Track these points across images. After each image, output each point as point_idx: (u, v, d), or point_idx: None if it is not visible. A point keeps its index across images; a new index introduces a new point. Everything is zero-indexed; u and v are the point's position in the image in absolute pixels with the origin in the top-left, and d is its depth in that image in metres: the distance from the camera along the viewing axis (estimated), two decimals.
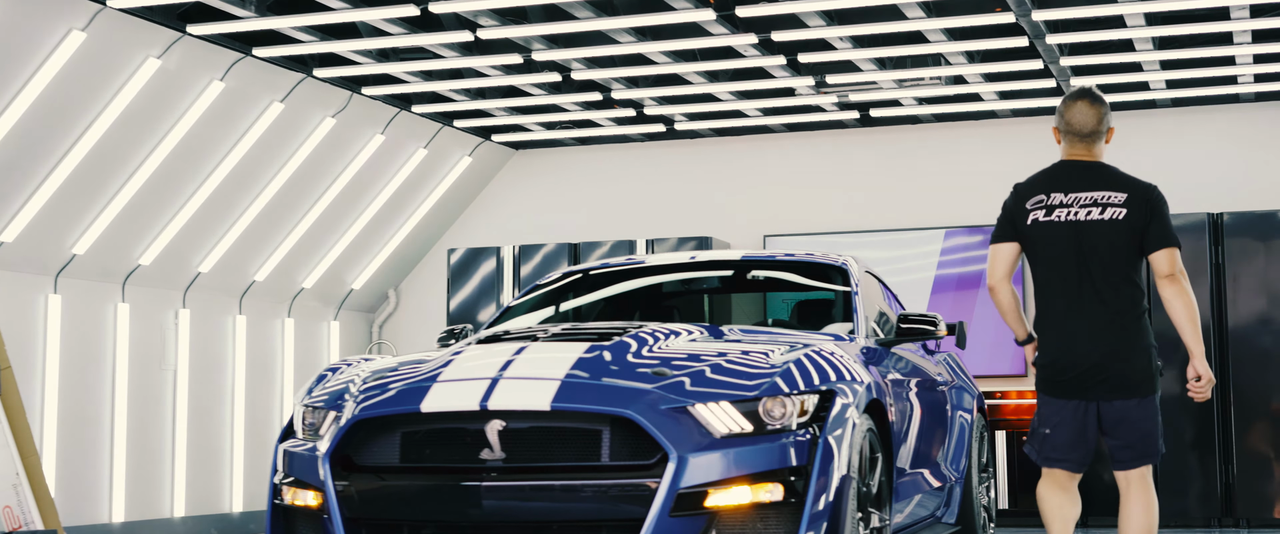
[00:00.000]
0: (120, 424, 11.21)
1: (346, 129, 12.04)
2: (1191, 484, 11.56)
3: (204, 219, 11.46)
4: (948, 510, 8.22)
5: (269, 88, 11.03)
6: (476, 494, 5.55)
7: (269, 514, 6.14)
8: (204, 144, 10.91)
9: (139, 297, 11.47)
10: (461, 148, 13.55)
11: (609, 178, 14.10)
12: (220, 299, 12.37)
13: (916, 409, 7.35)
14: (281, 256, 12.59)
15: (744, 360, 5.93)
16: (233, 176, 11.32)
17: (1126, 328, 5.86)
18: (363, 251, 13.60)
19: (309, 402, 6.18)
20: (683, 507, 5.45)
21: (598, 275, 8.10)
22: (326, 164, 12.20)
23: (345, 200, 12.74)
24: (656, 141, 13.94)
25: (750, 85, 11.64)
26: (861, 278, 7.64)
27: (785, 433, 5.62)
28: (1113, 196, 5.92)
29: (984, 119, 13.12)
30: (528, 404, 5.60)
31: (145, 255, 11.22)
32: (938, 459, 7.90)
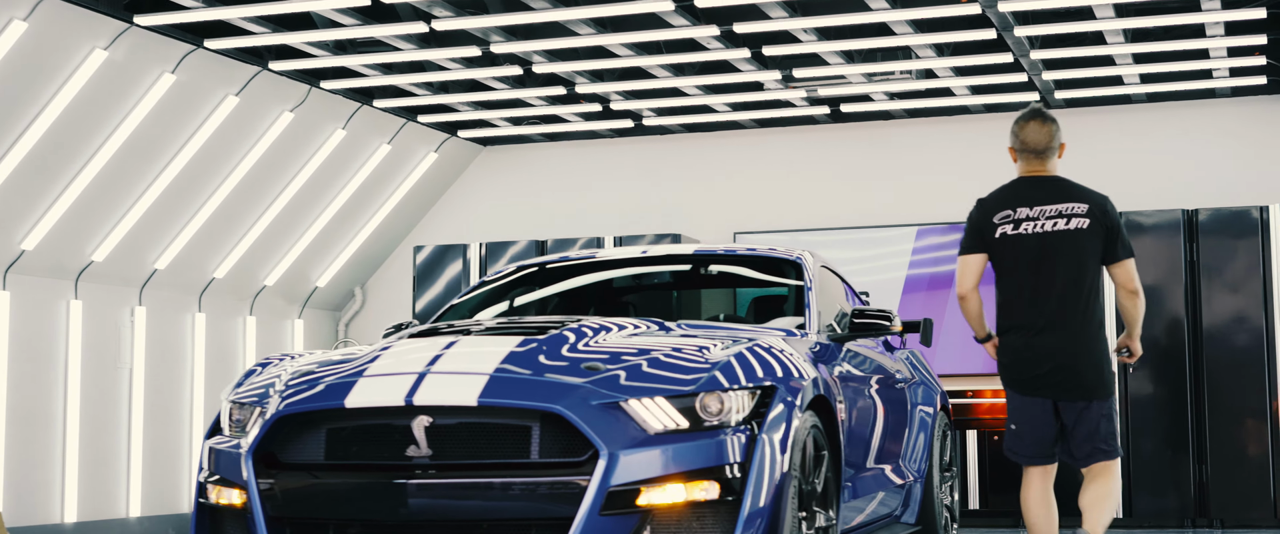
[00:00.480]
0: (73, 423, 11.01)
1: (306, 123, 11.83)
2: (1166, 484, 11.38)
3: (159, 215, 11.25)
4: (907, 510, 8.03)
5: (223, 81, 10.83)
6: (402, 492, 5.35)
7: (194, 514, 5.95)
8: (156, 138, 10.70)
9: (92, 293, 11.26)
10: (426, 144, 13.35)
11: (578, 174, 13.92)
12: (178, 297, 12.16)
13: (872, 406, 7.17)
14: (241, 253, 12.39)
15: (682, 355, 5.73)
16: (187, 171, 11.11)
17: (1087, 333, 6.24)
18: (327, 249, 13.40)
19: (235, 397, 5.99)
20: (614, 505, 5.25)
21: (549, 270, 7.90)
22: (286, 159, 11.99)
23: (307, 196, 12.53)
24: (625, 137, 13.75)
25: (717, 79, 11.45)
26: (817, 273, 7.45)
27: (723, 429, 5.42)
28: (1076, 208, 6.29)
29: (957, 115, 12.95)
30: (454, 399, 5.40)
31: (98, 251, 11.01)
32: (896, 457, 7.71)
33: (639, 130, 13.48)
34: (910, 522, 8.14)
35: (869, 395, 7.19)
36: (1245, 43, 10.48)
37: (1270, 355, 11.25)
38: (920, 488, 8.18)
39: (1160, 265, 11.48)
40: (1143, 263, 11.40)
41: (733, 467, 5.38)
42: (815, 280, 7.32)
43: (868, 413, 7.09)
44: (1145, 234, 11.49)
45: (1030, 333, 6.28)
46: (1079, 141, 12.68)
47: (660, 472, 5.30)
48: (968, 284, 6.39)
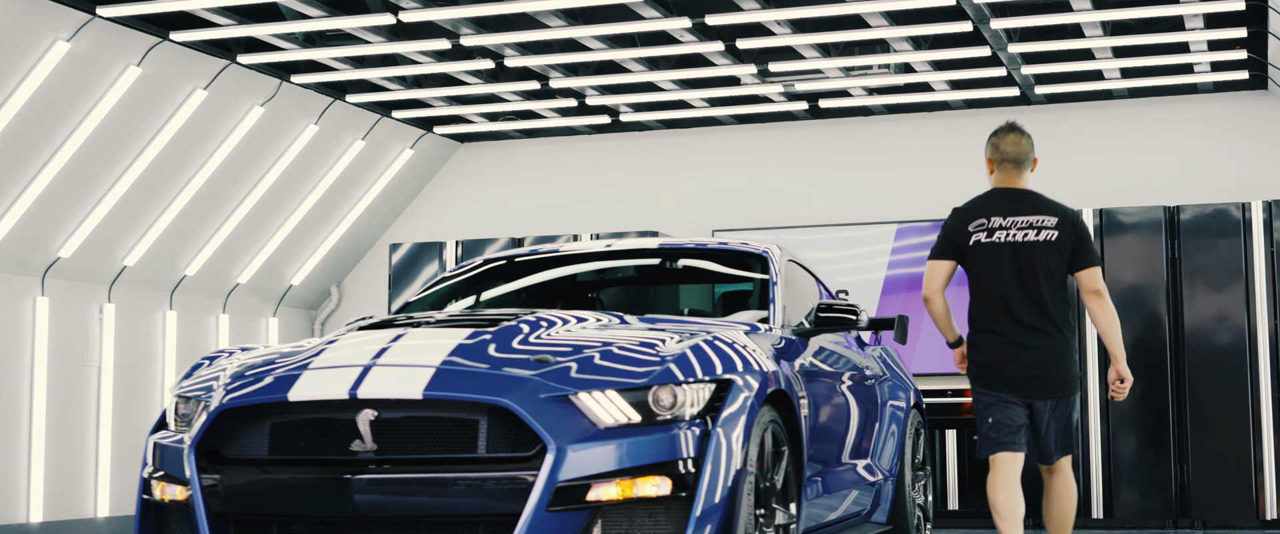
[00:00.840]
0: (39, 422, 10.87)
1: (277, 118, 11.69)
2: (1147, 484, 11.25)
3: (127, 211, 11.10)
4: (878, 509, 7.89)
5: (190, 75, 10.68)
6: (347, 488, 5.20)
7: (138, 509, 5.81)
8: (123, 132, 10.56)
9: (59, 290, 11.11)
10: (402, 140, 13.21)
11: (556, 172, 13.79)
12: (149, 294, 12.01)
13: (840, 402, 7.03)
14: (213, 250, 12.24)
15: (637, 348, 5.59)
16: (156, 166, 10.96)
17: (1057, 337, 6.55)
18: (301, 246, 13.25)
19: (181, 391, 5.85)
20: (562, 501, 5.11)
21: (515, 264, 7.75)
22: (257, 154, 11.85)
23: (279, 193, 12.38)
24: (603, 134, 13.62)
25: (692, 73, 11.31)
26: (784, 267, 7.30)
27: (676, 424, 5.28)
28: (1046, 220, 6.57)
29: (937, 111, 12.82)
30: (399, 392, 5.26)
31: (65, 248, 10.86)
32: (866, 455, 7.57)
33: (616, 127, 13.35)
34: (881, 521, 8.00)
35: (837, 391, 7.05)
36: (1225, 36, 10.36)
37: (1252, 354, 11.12)
38: (891, 486, 8.05)
39: (1141, 263, 11.35)
40: (1124, 261, 11.28)
41: (686, 462, 5.24)
42: (782, 275, 7.18)
43: (835, 409, 6.96)
44: (1126, 232, 11.36)
45: (1005, 336, 6.55)
46: (1060, 139, 12.57)
47: (610, 467, 5.16)
48: (934, 287, 6.67)
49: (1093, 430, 11.29)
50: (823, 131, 13.16)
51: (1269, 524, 10.98)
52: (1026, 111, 12.64)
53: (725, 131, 13.39)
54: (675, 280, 8.55)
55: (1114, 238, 11.31)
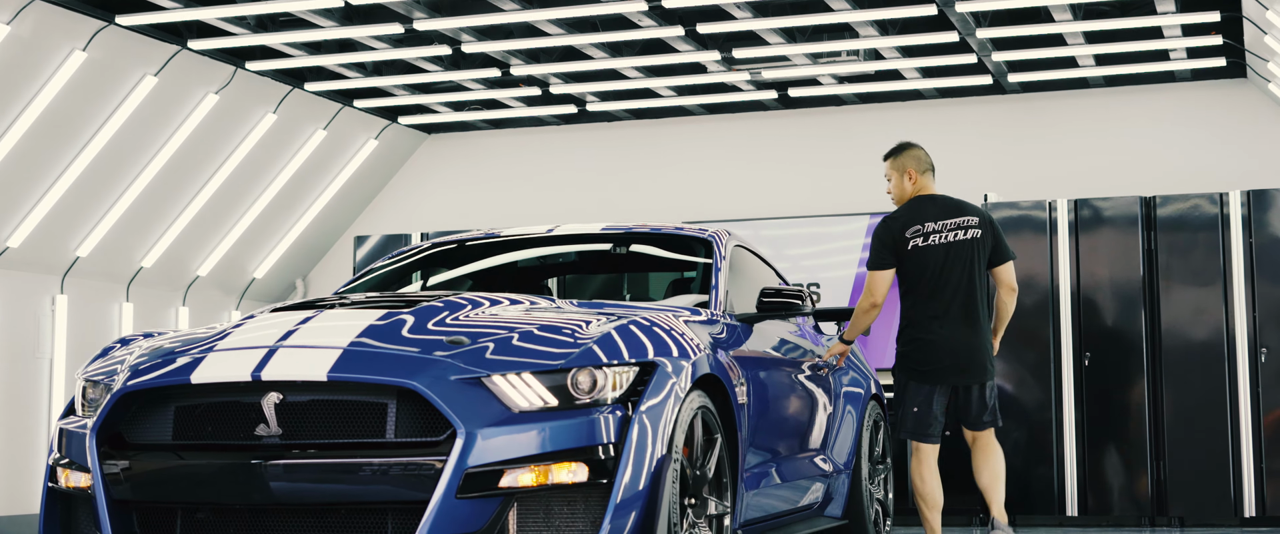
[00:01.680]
0: None
1: (233, 106, 11.45)
2: (1124, 482, 11.01)
3: (77, 199, 10.86)
4: (832, 502, 7.65)
5: (139, 60, 10.44)
6: (252, 474, 5.00)
7: (43, 498, 5.58)
8: (69, 119, 10.32)
9: (8, 281, 10.88)
10: (366, 131, 12.98)
11: (525, 163, 13.58)
12: (104, 285, 11.77)
13: (787, 391, 6.81)
14: (170, 242, 12.00)
15: (558, 330, 5.36)
16: (106, 155, 10.72)
17: (985, 327, 7.26)
18: (263, 238, 13.02)
19: (88, 375, 5.64)
20: (473, 488, 4.89)
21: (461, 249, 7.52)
22: (213, 144, 11.61)
23: (238, 183, 12.14)
24: (571, 124, 13.41)
25: (655, 60, 11.09)
26: (731, 252, 7.07)
27: (596, 408, 5.06)
28: (970, 220, 7.23)
29: (910, 100, 12.61)
30: (303, 374, 5.04)
31: (13, 237, 10.63)
32: (820, 447, 7.33)
33: (584, 117, 13.14)
34: (835, 514, 7.77)
35: (787, 380, 6.83)
36: (1199, 20, 10.13)
37: (1230, 348, 10.89)
38: (847, 480, 7.81)
39: (1117, 255, 11.11)
40: (1100, 252, 11.06)
41: (604, 447, 5.03)
42: (727, 260, 6.95)
43: (784, 398, 6.74)
44: (1102, 223, 11.12)
45: (944, 331, 7.16)
46: (1035, 128, 12.37)
47: (523, 452, 4.95)
48: (883, 294, 7.24)
49: (1067, 427, 11.06)
50: (794, 122, 12.94)
51: (1248, 522, 10.75)
52: (1001, 101, 12.43)
53: (695, 122, 13.18)
54: (624, 267, 8.33)
55: (1089, 229, 11.09)
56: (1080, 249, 11.11)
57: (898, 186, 7.41)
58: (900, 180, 7.40)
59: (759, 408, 6.32)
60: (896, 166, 7.43)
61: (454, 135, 13.78)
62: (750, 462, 6.18)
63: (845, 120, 12.82)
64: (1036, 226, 11.14)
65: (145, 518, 5.22)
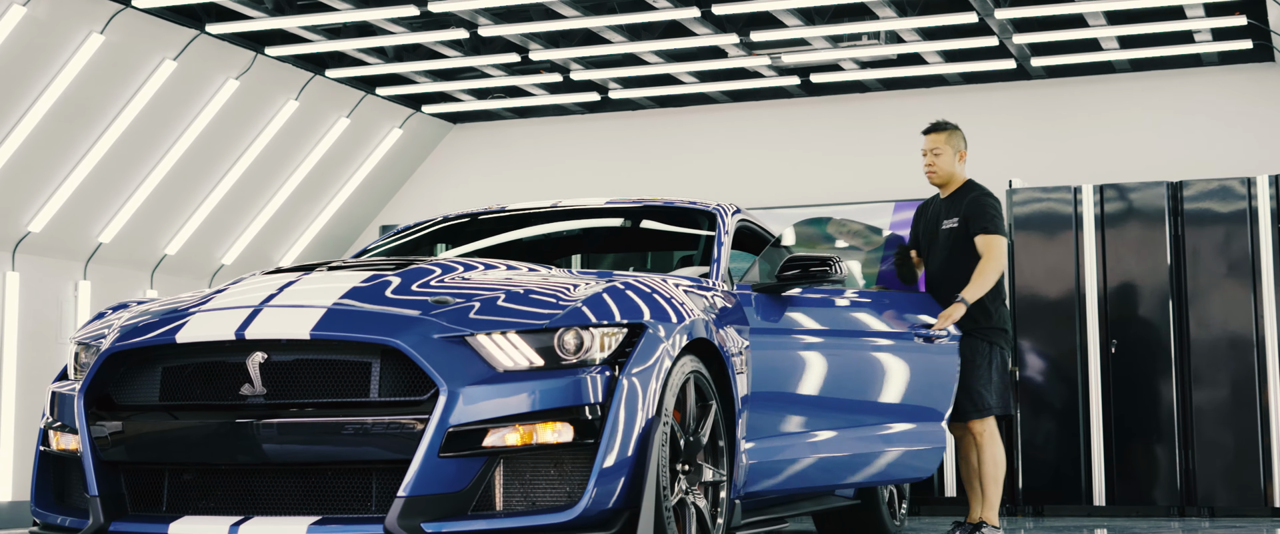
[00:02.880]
0: (9, 398, 10.69)
1: (254, 92, 11.47)
2: (1151, 471, 10.88)
3: (99, 186, 10.90)
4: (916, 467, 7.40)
5: (158, 43, 10.47)
6: (238, 434, 4.98)
7: (35, 461, 5.58)
8: (89, 102, 10.35)
9: (30, 266, 10.92)
10: (390, 119, 12.99)
11: (549, 151, 13.56)
12: (128, 273, 11.81)
13: (819, 364, 6.61)
14: (194, 230, 12.03)
15: (546, 290, 5.30)
16: (127, 139, 10.75)
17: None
18: (289, 227, 13.04)
19: (80, 338, 5.63)
20: (456, 447, 4.85)
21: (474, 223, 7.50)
22: (235, 130, 11.63)
23: (262, 171, 12.17)
24: (595, 113, 13.39)
25: (674, 44, 11.04)
26: (733, 226, 7.00)
27: (582, 368, 5.00)
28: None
29: (934, 86, 12.52)
30: (286, 333, 5.01)
31: (35, 222, 10.67)
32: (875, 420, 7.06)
33: (607, 105, 13.11)
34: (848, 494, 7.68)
35: (825, 352, 6.64)
36: None
37: (1259, 334, 10.75)
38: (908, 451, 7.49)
39: (1143, 240, 10.98)
40: (1126, 238, 10.94)
41: (591, 407, 4.97)
42: (729, 233, 6.88)
43: (810, 370, 6.55)
44: (1128, 208, 11.00)
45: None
46: (1060, 113, 12.27)
47: (508, 411, 4.90)
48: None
49: (1094, 416, 10.94)
50: (817, 108, 12.87)
51: (1278, 512, 10.60)
52: (1025, 86, 12.33)
53: (718, 110, 13.13)
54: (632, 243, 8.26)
55: (1115, 215, 10.97)
56: (1106, 235, 10.99)
57: (948, 163, 7.36)
58: (952, 157, 7.37)
59: (770, 378, 6.20)
60: (951, 143, 7.37)
61: (479, 125, 13.78)
62: (757, 433, 6.09)
63: (868, 107, 12.74)
64: (1062, 213, 11.03)
65: (133, 479, 5.21)
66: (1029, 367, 10.94)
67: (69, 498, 5.50)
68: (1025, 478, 10.97)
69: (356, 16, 10.23)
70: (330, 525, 4.86)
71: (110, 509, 5.14)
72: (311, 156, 12.50)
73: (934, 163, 7.35)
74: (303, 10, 10.48)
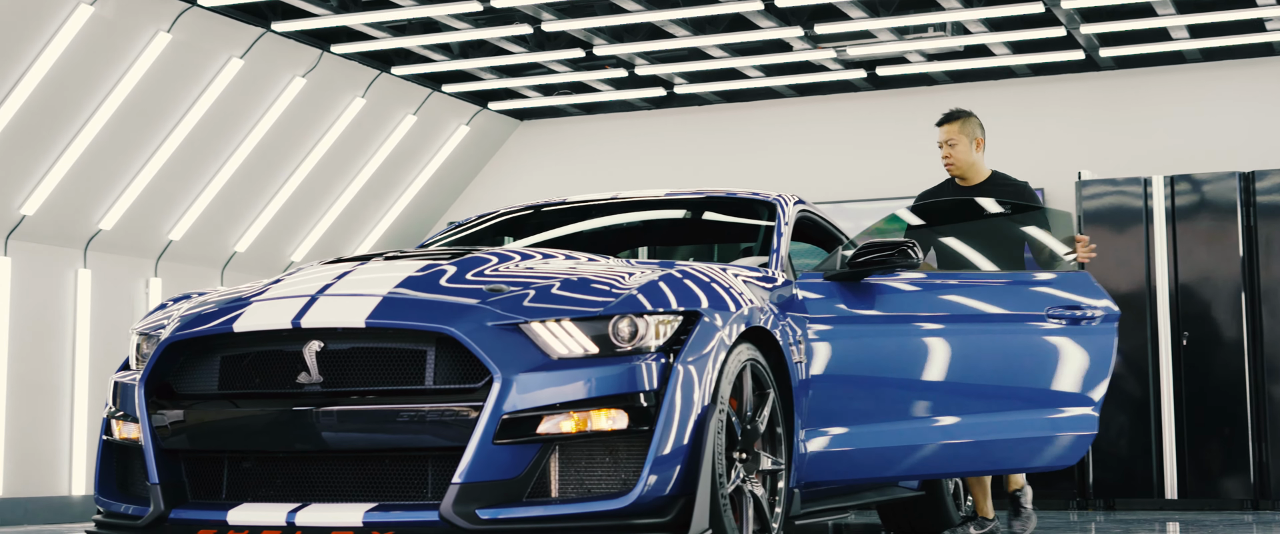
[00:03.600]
0: (81, 395, 10.81)
1: (320, 90, 11.55)
2: (1224, 466, 10.75)
3: (167, 184, 11.02)
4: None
5: (224, 42, 10.56)
6: (295, 422, 5.02)
7: (99, 450, 5.65)
8: (156, 101, 10.46)
9: (102, 263, 11.04)
10: (457, 116, 13.04)
11: (615, 148, 13.58)
12: (198, 270, 11.92)
13: (895, 354, 6.45)
14: (263, 227, 12.13)
15: (601, 279, 5.31)
16: (195, 138, 10.86)
17: None
18: (358, 224, 13.12)
19: (141, 329, 5.69)
20: (510, 434, 4.85)
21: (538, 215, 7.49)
22: (302, 128, 11.72)
23: (329, 168, 12.25)
24: (660, 109, 13.39)
25: (738, 37, 11.01)
26: (793, 216, 6.95)
27: (636, 355, 4.99)
28: None
29: (1002, 78, 12.43)
30: (342, 321, 5.04)
31: (105, 220, 10.79)
32: (965, 412, 6.86)
33: (672, 100, 13.11)
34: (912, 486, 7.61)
35: (904, 342, 6.48)
36: None
37: None
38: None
39: (1215, 231, 10.85)
40: (1197, 229, 10.83)
41: (646, 395, 4.95)
42: (789, 224, 6.84)
43: (881, 361, 6.41)
44: (1199, 199, 10.88)
45: None
46: (1130, 104, 12.15)
47: (562, 398, 4.89)
48: None
49: (1166, 409, 10.83)
50: (884, 102, 12.81)
51: None
52: (1094, 77, 12.22)
53: (784, 104, 13.09)
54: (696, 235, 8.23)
55: (1186, 205, 10.86)
56: (1177, 226, 10.88)
57: (965, 153, 7.15)
58: (969, 147, 7.15)
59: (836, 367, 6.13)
60: (966, 132, 7.16)
61: (545, 122, 13.81)
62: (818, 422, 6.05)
63: (936, 100, 12.65)
64: (1132, 204, 10.93)
65: (193, 466, 5.26)
66: None
67: (131, 486, 5.55)
68: (1096, 471, 10.88)
69: (420, 13, 10.28)
70: (386, 512, 4.88)
71: (170, 497, 5.19)
72: (379, 154, 12.57)
73: (951, 154, 7.18)
74: (367, 7, 10.53)
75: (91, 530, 5.50)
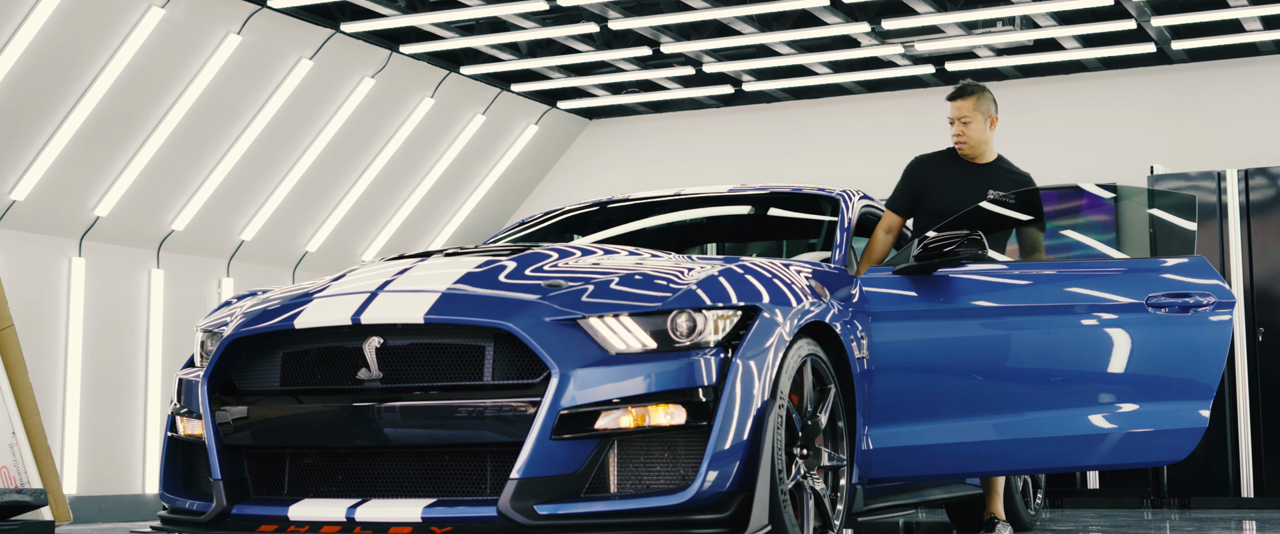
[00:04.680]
0: (155, 393, 10.92)
1: (389, 90, 11.61)
2: None
3: (239, 184, 11.11)
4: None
5: (294, 43, 10.64)
6: (356, 418, 5.04)
7: (164, 447, 5.70)
8: (228, 103, 10.56)
9: (174, 263, 11.15)
10: (525, 116, 13.07)
11: (684, 146, 13.57)
12: (269, 269, 12.02)
13: (965, 351, 6.30)
14: (333, 227, 12.21)
15: (660, 274, 5.29)
16: (266, 138, 10.95)
17: None
18: (428, 223, 13.18)
19: (205, 326, 5.73)
20: (569, 429, 4.85)
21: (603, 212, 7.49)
22: (372, 128, 11.78)
23: (399, 168, 12.32)
24: (729, 106, 13.36)
25: (805, 34, 10.97)
26: (858, 211, 6.92)
27: (695, 350, 4.96)
28: None
29: (1072, 72, 12.32)
30: (401, 317, 5.05)
31: (178, 221, 10.90)
32: (1048, 408, 6.70)
33: (741, 98, 13.07)
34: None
35: (977, 338, 6.31)
36: None
37: None
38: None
39: None
40: (1273, 222, 10.68)
41: (704, 390, 4.93)
42: (853, 218, 6.81)
43: (949, 357, 6.27)
44: (1274, 192, 10.72)
45: None
46: (1202, 97, 12.00)
47: (619, 394, 4.88)
48: None
49: (1242, 406, 10.69)
50: None
51: None
52: (1166, 71, 12.08)
53: (853, 101, 13.03)
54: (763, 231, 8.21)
55: (1261, 199, 10.71)
56: (1252, 220, 10.73)
57: (979, 131, 6.88)
58: (982, 124, 6.87)
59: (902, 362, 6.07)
60: (981, 108, 6.86)
61: (614, 120, 13.82)
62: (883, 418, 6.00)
63: (1007, 95, 12.53)
64: (1206, 199, 10.79)
65: (255, 463, 5.29)
66: None
67: (196, 482, 5.60)
68: (1170, 469, 10.76)
69: (488, 12, 10.31)
70: (444, 507, 4.89)
71: (233, 493, 5.23)
72: (448, 153, 12.62)
73: (964, 132, 6.91)
74: (435, 7, 10.58)
75: (156, 526, 5.55)
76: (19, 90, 9.27)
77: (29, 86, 9.31)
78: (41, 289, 10.19)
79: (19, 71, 9.17)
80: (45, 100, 9.50)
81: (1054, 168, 12.22)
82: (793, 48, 11.53)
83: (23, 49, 9.08)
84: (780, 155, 13.22)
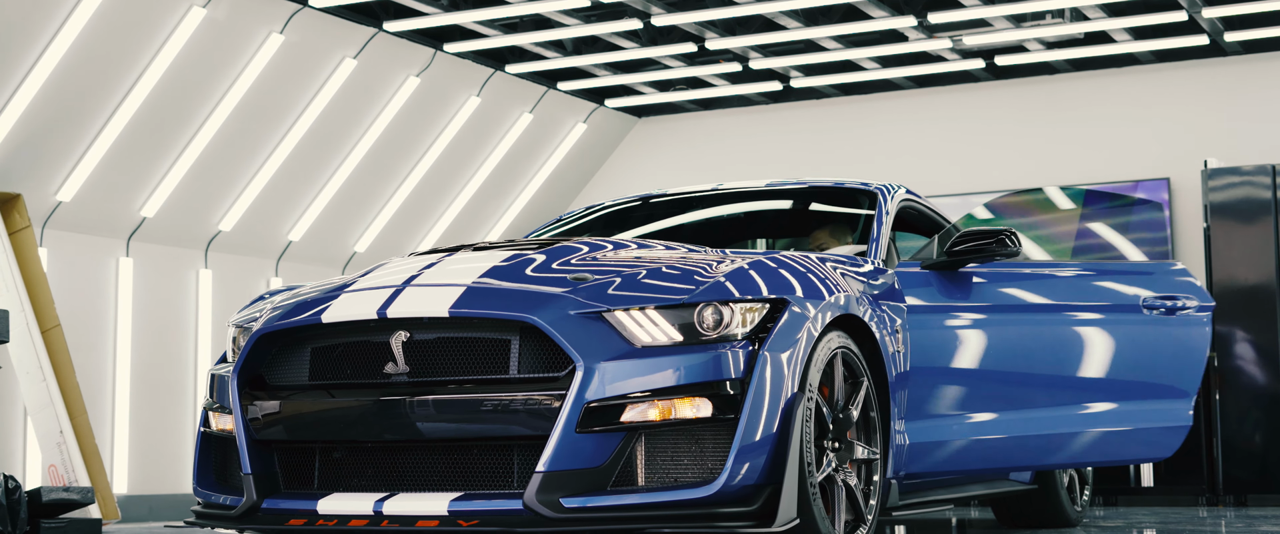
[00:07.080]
0: (202, 394, 10.96)
1: (434, 89, 11.62)
2: None
3: (285, 184, 11.14)
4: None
5: (337, 42, 10.66)
6: (383, 412, 5.03)
7: (197, 442, 5.72)
8: (272, 102, 10.59)
9: (222, 264, 11.20)
10: (573, 114, 13.06)
11: (734, 143, 13.53)
12: (317, 269, 12.06)
13: (991, 339, 6.40)
14: (381, 227, 12.23)
15: (688, 267, 5.25)
16: (309, 140, 10.98)
17: None
18: (477, 222, 13.19)
19: (237, 321, 5.75)
20: (594, 422, 4.82)
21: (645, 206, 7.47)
22: (417, 128, 11.80)
23: (446, 167, 12.32)
24: (778, 103, 13.31)
25: (852, 28, 10.89)
26: (895, 206, 6.85)
27: (722, 343, 4.92)
28: None
29: (1124, 66, 12.18)
30: (426, 311, 5.04)
31: (224, 221, 10.95)
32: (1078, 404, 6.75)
33: (789, 94, 13.01)
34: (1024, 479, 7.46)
35: (1011, 334, 6.45)
36: None
37: None
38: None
39: None
40: None
41: (731, 383, 4.89)
42: (891, 212, 6.75)
43: (985, 353, 6.35)
44: None
45: None
46: (1257, 90, 11.85)
47: (645, 387, 4.84)
48: None
49: None
50: (1004, 92, 12.61)
51: None
52: (1219, 63, 11.93)
53: (902, 96, 12.94)
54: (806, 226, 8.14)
55: None
56: None
57: None
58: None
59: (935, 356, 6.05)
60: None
61: (662, 118, 13.79)
62: (917, 412, 5.95)
63: (1057, 89, 12.44)
64: (1260, 194, 10.64)
65: (285, 457, 5.30)
66: (1231, 355, 10.57)
67: (228, 477, 5.61)
68: (1226, 467, 10.62)
69: (531, 9, 10.29)
70: (471, 501, 4.87)
71: (263, 487, 5.23)
72: (496, 152, 12.62)
73: None
74: (478, 4, 10.57)
75: (190, 521, 5.57)
76: (62, 93, 9.33)
77: (71, 89, 9.37)
78: (90, 290, 10.26)
79: (61, 74, 9.23)
80: (88, 102, 9.55)
81: (1106, 163, 12.10)
82: (839, 43, 11.46)
83: (63, 52, 9.14)
84: (830, 151, 13.16)
